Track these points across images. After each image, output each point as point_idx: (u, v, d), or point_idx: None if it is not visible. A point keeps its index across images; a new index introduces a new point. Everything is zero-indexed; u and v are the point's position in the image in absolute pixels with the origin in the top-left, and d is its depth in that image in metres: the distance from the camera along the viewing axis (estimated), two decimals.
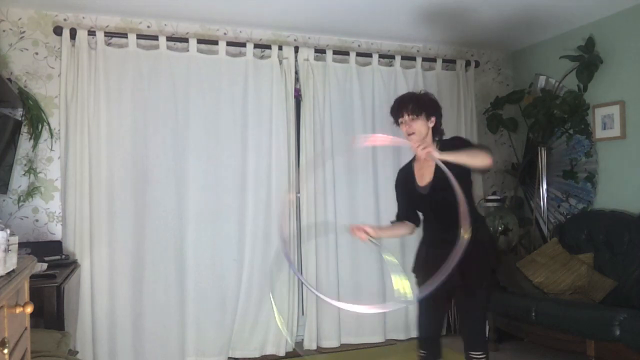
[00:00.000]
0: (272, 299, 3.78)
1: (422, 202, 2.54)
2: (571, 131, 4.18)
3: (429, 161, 2.44)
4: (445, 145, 2.45)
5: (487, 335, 2.50)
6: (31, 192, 3.52)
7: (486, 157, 2.25)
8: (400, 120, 2.50)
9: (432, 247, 2.53)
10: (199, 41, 3.85)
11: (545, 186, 4.39)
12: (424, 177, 2.51)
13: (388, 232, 2.78)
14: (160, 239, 3.70)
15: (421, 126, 2.47)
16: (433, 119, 2.50)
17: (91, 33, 3.60)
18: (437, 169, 2.35)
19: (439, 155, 2.18)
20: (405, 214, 2.64)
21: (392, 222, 2.69)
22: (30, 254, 2.26)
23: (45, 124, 3.55)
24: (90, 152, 3.56)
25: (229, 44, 3.90)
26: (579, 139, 4.15)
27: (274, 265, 3.82)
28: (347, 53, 4.22)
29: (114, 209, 3.60)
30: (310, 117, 4.06)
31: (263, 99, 3.95)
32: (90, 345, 3.49)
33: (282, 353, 3.91)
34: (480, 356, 2.42)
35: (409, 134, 2.47)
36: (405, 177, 2.62)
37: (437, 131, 2.54)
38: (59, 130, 3.59)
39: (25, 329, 1.57)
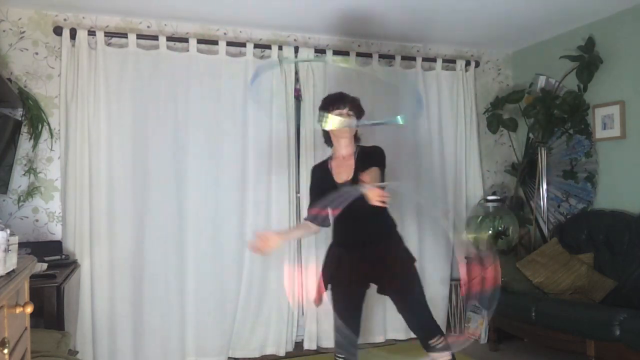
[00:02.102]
0: None
1: None
2: (571, 131, 4.18)
3: (348, 159, 2.56)
4: (365, 154, 2.56)
5: (434, 320, 2.53)
6: (31, 192, 3.52)
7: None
8: (337, 111, 2.54)
9: (345, 249, 2.56)
10: (199, 41, 3.85)
11: (545, 186, 4.39)
12: (341, 175, 2.56)
13: (295, 233, 2.93)
14: (160, 238, 3.69)
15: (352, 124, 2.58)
16: (357, 123, 2.61)
17: (91, 33, 3.60)
18: (356, 167, 2.50)
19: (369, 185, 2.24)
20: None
21: (306, 219, 2.67)
22: (30, 254, 2.27)
23: (45, 124, 3.55)
24: (90, 152, 3.56)
25: (229, 44, 3.90)
26: (579, 139, 4.14)
27: None
28: (347, 53, 4.22)
29: (114, 208, 3.60)
30: (310, 117, 4.06)
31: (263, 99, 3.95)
32: (90, 345, 3.49)
33: (282, 353, 3.91)
34: (439, 340, 2.44)
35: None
36: (321, 176, 2.64)
37: (356, 136, 2.67)
38: (59, 130, 3.59)
39: (25, 329, 1.57)
